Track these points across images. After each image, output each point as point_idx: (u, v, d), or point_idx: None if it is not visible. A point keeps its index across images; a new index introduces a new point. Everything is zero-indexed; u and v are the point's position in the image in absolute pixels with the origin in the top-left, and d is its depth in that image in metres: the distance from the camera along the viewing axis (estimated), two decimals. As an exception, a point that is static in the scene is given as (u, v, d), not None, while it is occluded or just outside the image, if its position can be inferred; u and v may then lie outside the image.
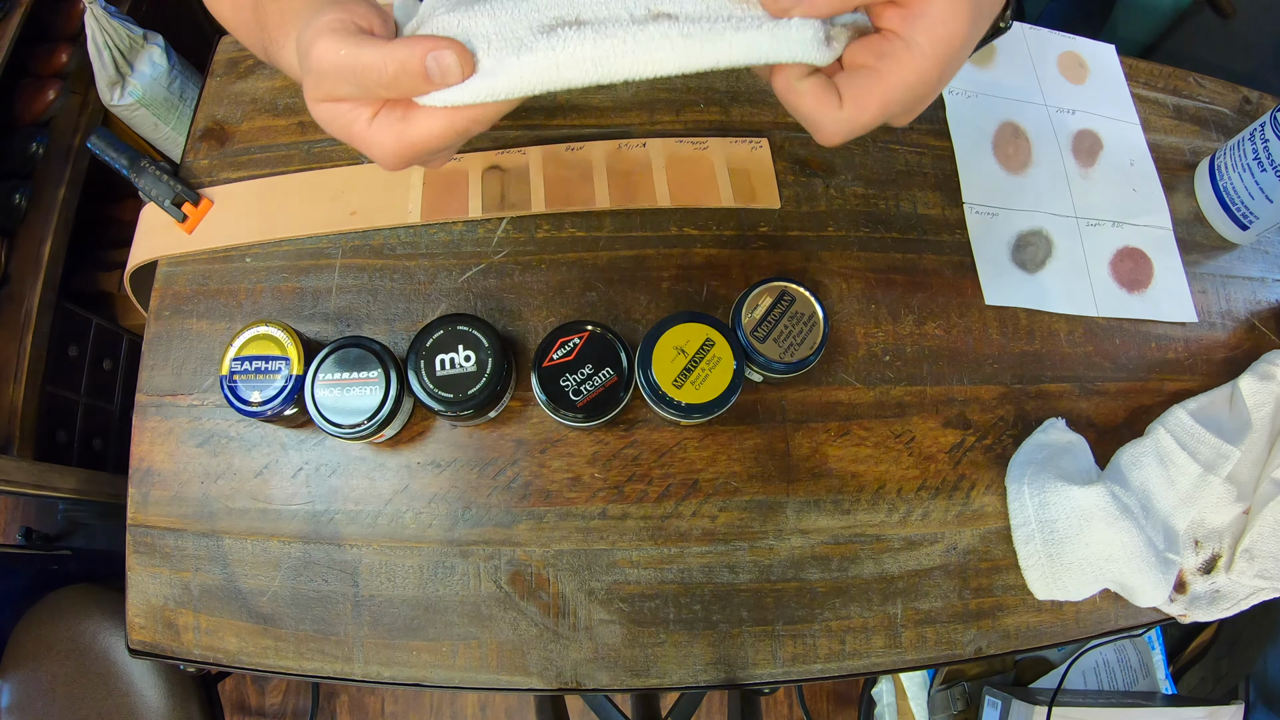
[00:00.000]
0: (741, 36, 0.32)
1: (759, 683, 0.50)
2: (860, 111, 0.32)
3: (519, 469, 0.51)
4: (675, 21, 0.31)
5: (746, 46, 0.32)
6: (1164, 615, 0.54)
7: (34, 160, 1.01)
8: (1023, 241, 0.59)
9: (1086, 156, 0.63)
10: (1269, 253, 0.64)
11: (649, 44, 0.31)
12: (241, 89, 0.60)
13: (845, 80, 0.33)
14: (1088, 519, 0.50)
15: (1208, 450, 0.53)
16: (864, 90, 0.32)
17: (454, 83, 0.31)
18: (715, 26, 0.32)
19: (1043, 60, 0.66)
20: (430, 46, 0.30)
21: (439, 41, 0.30)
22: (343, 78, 0.31)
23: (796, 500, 0.52)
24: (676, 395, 0.47)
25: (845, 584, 0.51)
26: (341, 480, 0.51)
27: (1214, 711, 0.71)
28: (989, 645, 0.51)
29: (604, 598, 0.50)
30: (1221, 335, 0.60)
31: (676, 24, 0.31)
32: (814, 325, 0.49)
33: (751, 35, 0.32)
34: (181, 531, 0.51)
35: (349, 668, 0.49)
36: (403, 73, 0.30)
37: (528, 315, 0.54)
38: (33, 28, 0.98)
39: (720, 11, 0.32)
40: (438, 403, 0.46)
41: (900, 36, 0.32)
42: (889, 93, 0.32)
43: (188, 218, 0.55)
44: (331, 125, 0.34)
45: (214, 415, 0.52)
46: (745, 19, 0.32)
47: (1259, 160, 0.58)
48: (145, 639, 0.50)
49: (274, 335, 0.48)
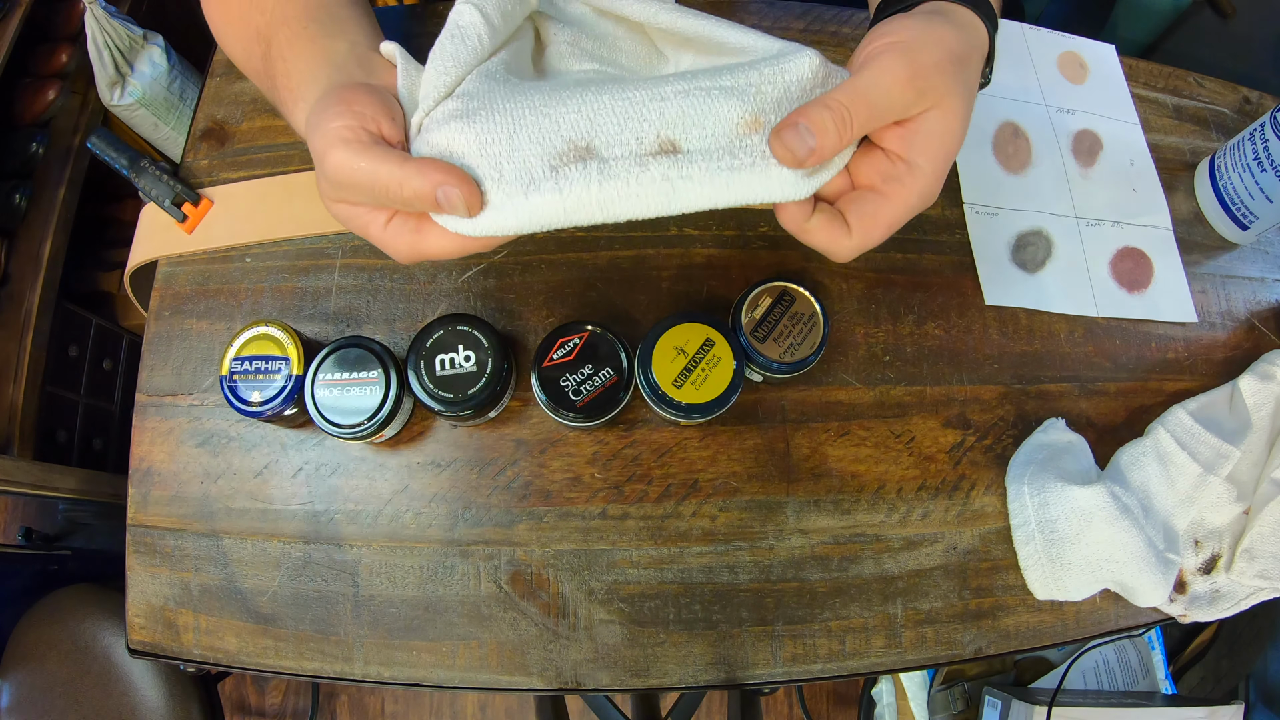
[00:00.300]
0: (736, 179, 0.33)
1: (759, 683, 0.50)
2: (868, 236, 0.34)
3: (519, 469, 0.51)
4: (676, 161, 0.32)
5: (740, 190, 0.33)
6: (1164, 615, 0.54)
7: (34, 160, 1.01)
8: (1023, 241, 0.59)
9: (1086, 156, 0.63)
10: (1269, 253, 0.64)
11: (650, 186, 0.32)
12: (241, 89, 0.60)
13: (853, 207, 0.35)
14: (1088, 519, 0.50)
15: (1208, 450, 0.53)
16: (870, 216, 0.34)
17: (461, 216, 0.32)
18: (712, 167, 0.33)
19: (1042, 60, 0.66)
20: (441, 180, 0.31)
21: (450, 176, 0.31)
22: (360, 191, 0.32)
23: (796, 500, 0.52)
24: (676, 395, 0.47)
25: (845, 584, 0.51)
26: (341, 480, 0.51)
27: (1214, 711, 0.71)
28: (989, 645, 0.51)
29: (604, 598, 0.50)
30: (1221, 335, 0.60)
31: (677, 165, 0.32)
32: (814, 325, 0.49)
33: (744, 179, 0.33)
34: (181, 531, 0.51)
35: (349, 668, 0.49)
36: (415, 198, 0.31)
37: (528, 315, 0.54)
38: (33, 28, 0.98)
39: (724, 145, 0.33)
40: (438, 403, 0.46)
41: (903, 159, 0.34)
42: (894, 214, 0.34)
43: (188, 218, 0.55)
44: (349, 223, 0.35)
45: (214, 415, 0.52)
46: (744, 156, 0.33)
47: (1259, 160, 0.58)
48: (145, 639, 0.50)
49: (274, 335, 0.48)
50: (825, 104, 0.31)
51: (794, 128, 0.31)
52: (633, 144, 0.32)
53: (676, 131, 0.32)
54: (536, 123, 0.32)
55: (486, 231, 0.33)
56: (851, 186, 0.35)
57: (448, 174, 0.31)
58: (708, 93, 0.33)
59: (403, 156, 0.32)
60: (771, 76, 0.33)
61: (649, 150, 0.32)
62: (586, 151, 0.32)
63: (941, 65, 0.33)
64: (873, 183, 0.35)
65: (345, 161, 0.32)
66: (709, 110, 0.32)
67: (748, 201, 0.33)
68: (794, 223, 0.35)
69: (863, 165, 0.35)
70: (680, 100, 0.33)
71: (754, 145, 0.33)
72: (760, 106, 0.33)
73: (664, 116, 0.32)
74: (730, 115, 0.33)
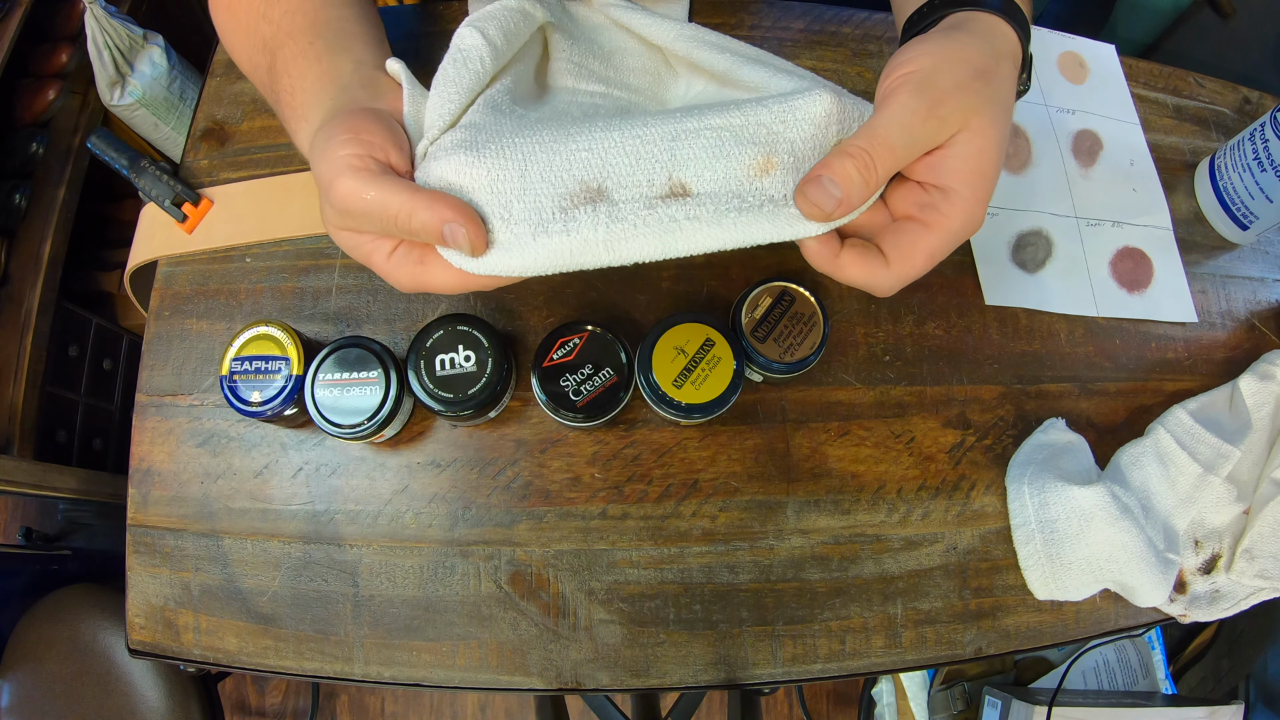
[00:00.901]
0: (744, 219, 0.32)
1: (759, 683, 0.50)
2: (908, 267, 0.33)
3: (519, 469, 0.51)
4: (685, 204, 0.32)
5: (748, 231, 0.32)
6: (1164, 615, 0.54)
7: (34, 160, 1.01)
8: (1023, 241, 0.59)
9: (1086, 156, 0.63)
10: (1269, 253, 0.64)
11: (658, 228, 0.32)
12: (241, 89, 0.60)
13: (889, 238, 0.33)
14: (1088, 519, 0.50)
15: (1208, 450, 0.53)
16: (909, 246, 0.33)
17: (465, 254, 0.32)
18: (721, 209, 0.32)
19: (1042, 60, 0.66)
20: (450, 217, 0.30)
21: (459, 214, 0.30)
22: (367, 220, 0.32)
23: (796, 500, 0.52)
24: (676, 395, 0.47)
25: (845, 584, 0.51)
26: (341, 480, 0.51)
27: (1214, 711, 0.71)
28: (989, 645, 0.51)
29: (604, 598, 0.50)
30: (1221, 335, 0.60)
31: (685, 207, 0.32)
32: (814, 325, 0.49)
33: (752, 219, 0.32)
34: (181, 531, 0.51)
35: (349, 668, 0.49)
36: (422, 230, 0.31)
37: (528, 315, 0.54)
38: (33, 28, 0.98)
39: (734, 189, 0.32)
40: (438, 403, 0.47)
41: (937, 187, 0.32)
42: (935, 242, 0.33)
43: (188, 218, 0.55)
44: (352, 251, 0.35)
45: (214, 415, 0.52)
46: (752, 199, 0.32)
47: (1259, 160, 0.58)
48: (145, 639, 0.50)
49: (274, 335, 0.48)
50: (846, 152, 0.31)
51: (817, 181, 0.31)
52: (644, 186, 0.32)
53: (688, 174, 0.32)
54: (548, 160, 0.32)
55: (491, 271, 0.32)
56: (890, 220, 0.34)
57: (457, 212, 0.30)
58: (719, 134, 0.32)
59: (413, 187, 0.31)
60: (783, 115, 0.33)
61: (659, 193, 0.32)
62: (598, 194, 0.32)
63: (963, 85, 0.32)
64: (910, 213, 0.33)
65: (354, 190, 0.31)
66: (720, 152, 0.32)
67: (757, 242, 0.33)
68: (823, 261, 0.34)
69: (898, 197, 0.34)
70: (691, 141, 0.32)
71: (764, 188, 0.33)
72: (772, 148, 0.32)
73: (675, 158, 0.32)
74: (741, 158, 0.32)
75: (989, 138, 0.32)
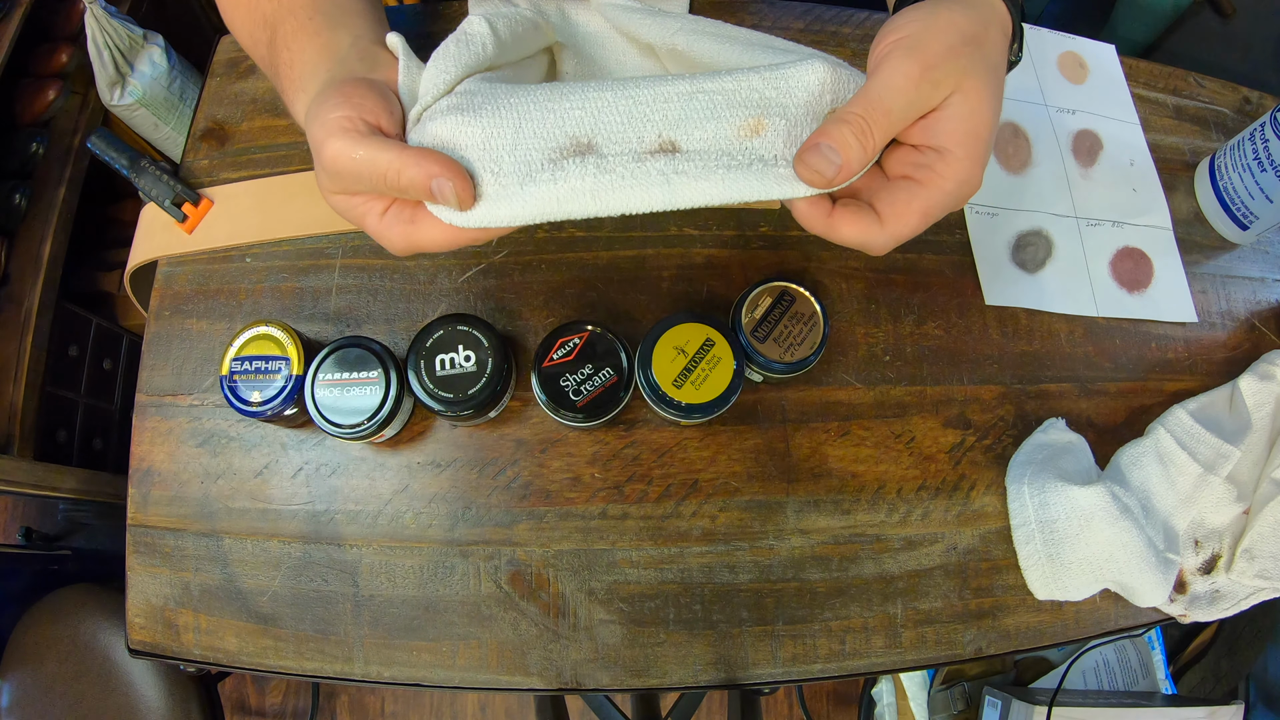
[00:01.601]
0: (733, 176, 0.33)
1: (759, 683, 0.50)
2: (903, 224, 0.33)
3: (519, 469, 0.51)
4: (673, 159, 0.33)
5: (738, 187, 0.33)
6: (1164, 615, 0.54)
7: (34, 160, 1.01)
8: (1023, 241, 0.59)
9: (1086, 156, 0.63)
10: (1269, 253, 0.64)
11: (645, 180, 0.32)
12: (241, 89, 0.60)
13: (884, 196, 0.33)
14: (1088, 519, 0.50)
15: (1208, 450, 0.53)
16: (904, 203, 0.33)
17: (453, 208, 0.32)
18: (709, 166, 0.33)
19: (1042, 60, 0.66)
20: (437, 172, 0.31)
21: (446, 169, 0.31)
22: (357, 180, 0.33)
23: (796, 500, 0.52)
24: (676, 395, 0.47)
25: (845, 584, 0.51)
26: (341, 480, 0.51)
27: (1214, 711, 0.71)
28: (989, 645, 0.51)
29: (604, 598, 0.50)
30: (1221, 335, 0.60)
31: (674, 162, 0.32)
32: (814, 325, 0.49)
33: (739, 176, 0.33)
34: (181, 531, 0.51)
35: (349, 668, 0.49)
36: (411, 186, 0.31)
37: (528, 315, 0.54)
38: (33, 28, 0.98)
39: (723, 147, 0.33)
40: (438, 403, 0.46)
41: (931, 148, 0.33)
42: (929, 200, 0.33)
43: (188, 218, 0.55)
44: (345, 214, 0.35)
45: (214, 415, 0.52)
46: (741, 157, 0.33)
47: (1259, 160, 0.58)
48: (145, 639, 0.50)
49: (274, 335, 0.48)
50: (843, 119, 0.31)
51: (816, 149, 0.31)
52: (634, 142, 0.33)
53: (678, 132, 0.33)
54: (542, 118, 0.33)
55: (480, 223, 0.33)
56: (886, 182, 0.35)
57: (444, 167, 0.31)
58: (711, 96, 0.33)
59: (401, 146, 0.32)
60: (775, 82, 0.33)
61: (649, 149, 0.33)
62: (587, 147, 0.32)
63: (954, 49, 0.32)
64: (905, 174, 0.34)
65: (343, 150, 0.32)
66: (711, 114, 0.33)
67: (744, 198, 0.33)
68: (815, 222, 0.34)
69: (894, 161, 0.34)
70: (683, 102, 0.33)
71: (753, 148, 0.33)
72: (764, 110, 0.33)
73: (666, 117, 0.33)
74: (732, 119, 0.33)
75: (983, 98, 0.32)
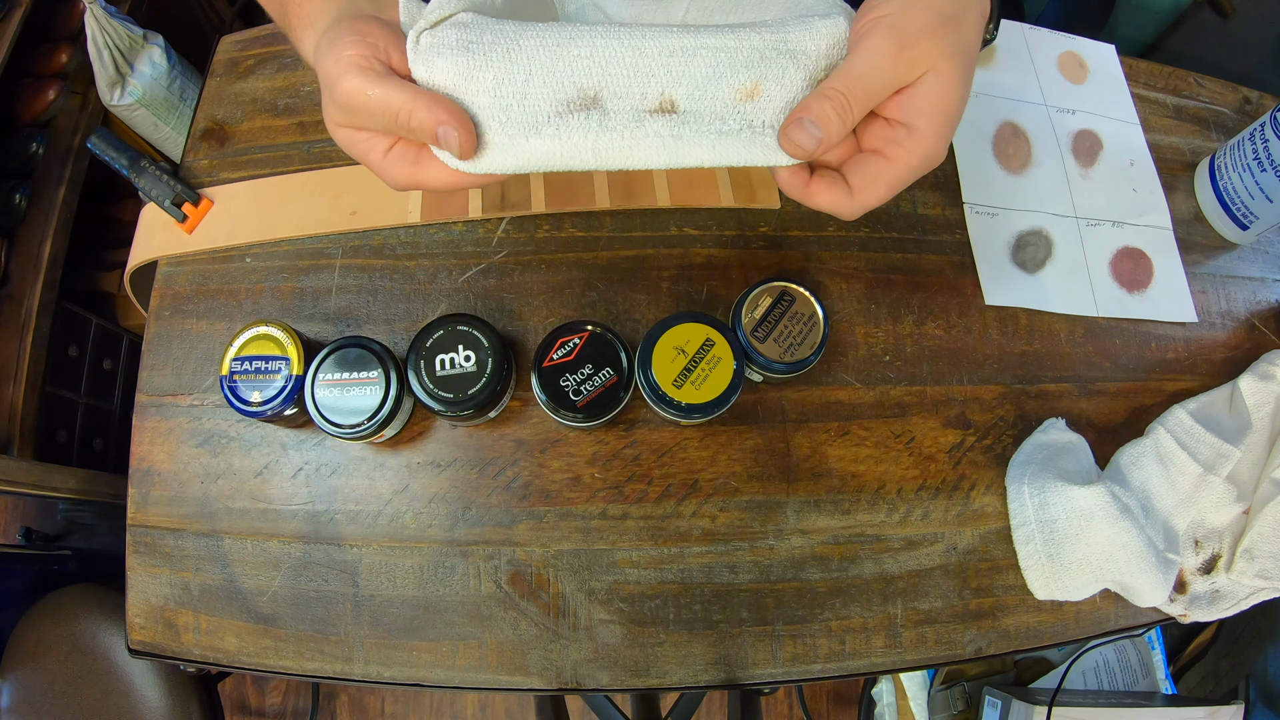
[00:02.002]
0: (724, 142, 0.35)
1: (759, 683, 0.50)
2: (870, 195, 0.36)
3: (519, 469, 0.51)
4: (670, 120, 0.35)
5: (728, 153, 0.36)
6: (1164, 615, 0.54)
7: (34, 160, 1.01)
8: (1023, 241, 0.59)
9: (1086, 156, 0.63)
10: (1269, 253, 0.64)
11: (644, 141, 0.35)
12: (241, 89, 0.60)
13: (856, 169, 0.36)
14: (1088, 519, 0.50)
15: (1208, 450, 0.53)
16: (871, 178, 0.36)
17: (454, 154, 0.34)
18: (702, 130, 0.35)
19: (1043, 60, 0.66)
20: (445, 119, 0.33)
21: (454, 118, 0.33)
22: (369, 115, 0.34)
23: (796, 500, 0.52)
24: (676, 395, 0.47)
25: (845, 584, 0.51)
26: (341, 480, 0.51)
27: (1214, 711, 0.71)
28: (989, 645, 0.51)
29: (604, 598, 0.50)
30: (1221, 335, 0.60)
31: (670, 124, 0.35)
32: (814, 325, 0.49)
33: (730, 143, 0.35)
34: (181, 531, 0.51)
35: (349, 668, 0.49)
36: (419, 128, 0.33)
37: (528, 315, 0.54)
38: (33, 28, 0.98)
39: (718, 110, 0.35)
40: (438, 403, 0.46)
41: (902, 124, 0.35)
42: (895, 174, 0.36)
43: (188, 218, 0.55)
44: (350, 149, 0.37)
45: (214, 415, 0.52)
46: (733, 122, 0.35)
47: (1259, 160, 0.58)
48: (145, 639, 0.50)
49: (274, 335, 0.48)
50: (824, 95, 0.34)
51: (799, 123, 0.34)
52: (636, 98, 0.34)
53: (678, 91, 0.34)
54: (551, 65, 0.34)
55: (485, 170, 0.34)
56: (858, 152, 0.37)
57: (453, 115, 0.33)
58: (714, 54, 0.34)
59: (414, 88, 0.34)
60: (776, 43, 0.35)
61: (650, 107, 0.34)
62: (593, 101, 0.34)
63: (931, 29, 0.34)
64: (876, 147, 0.36)
65: (358, 87, 0.33)
66: (712, 74, 0.34)
67: (732, 163, 0.36)
68: (795, 189, 0.37)
69: (868, 133, 0.37)
70: (688, 59, 0.34)
71: (745, 113, 0.35)
72: (763, 73, 0.35)
73: (670, 74, 0.34)
74: (731, 81, 0.35)
75: (954, 78, 0.35)
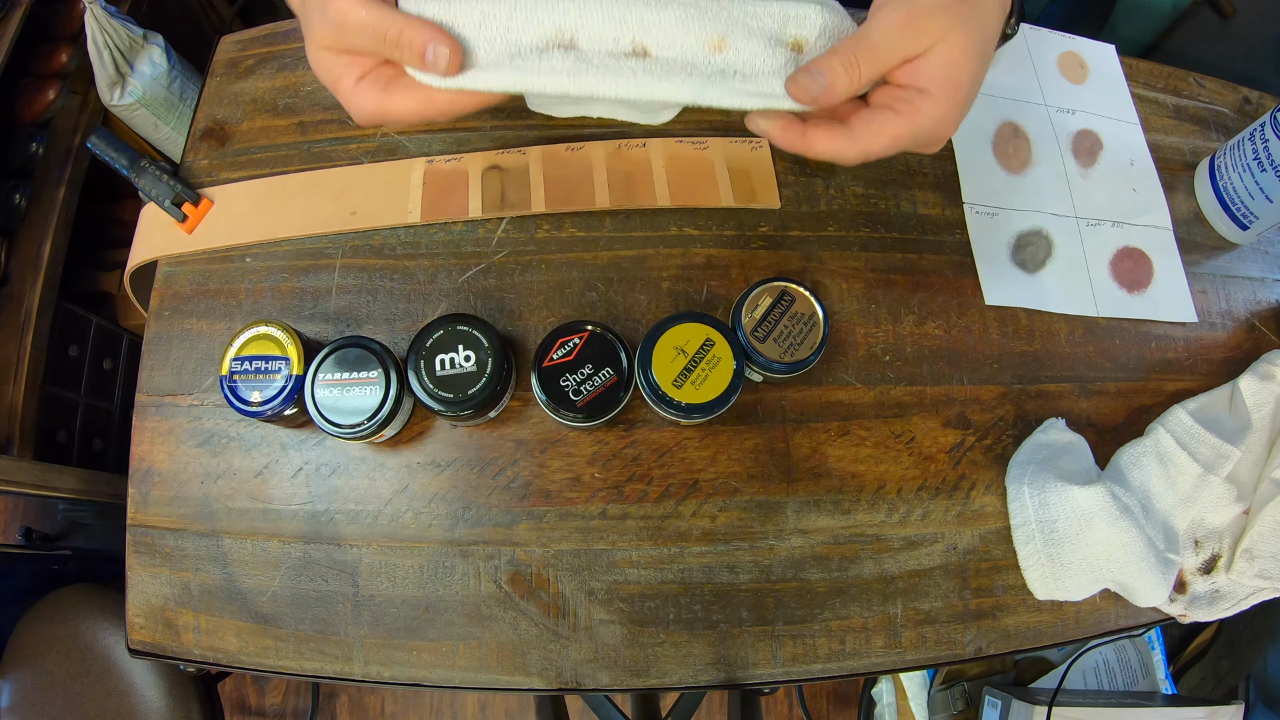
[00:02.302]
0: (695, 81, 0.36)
1: (759, 683, 0.50)
2: (873, 141, 0.37)
3: (519, 469, 0.51)
4: (644, 61, 0.36)
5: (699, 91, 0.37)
6: (1164, 615, 0.54)
7: (34, 160, 1.01)
8: (1023, 241, 0.59)
9: (1086, 156, 0.63)
10: (1269, 253, 0.64)
11: (617, 72, 0.36)
12: (241, 89, 0.60)
13: (862, 115, 0.37)
14: (1088, 519, 0.50)
15: (1208, 450, 0.53)
16: (878, 124, 0.37)
17: (440, 74, 0.35)
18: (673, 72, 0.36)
19: (1043, 60, 0.66)
20: (434, 37, 0.35)
21: (444, 39, 0.35)
22: (359, 34, 0.35)
23: (796, 500, 0.52)
24: (676, 395, 0.47)
25: (845, 584, 0.51)
26: (341, 480, 0.51)
27: (1214, 711, 0.71)
28: (989, 645, 0.51)
29: (604, 598, 0.50)
30: (1221, 335, 0.60)
31: (644, 63, 0.36)
32: (814, 325, 0.49)
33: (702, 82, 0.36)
34: (181, 531, 0.51)
35: (349, 668, 0.49)
36: (408, 47, 0.35)
37: (528, 315, 0.54)
38: (33, 28, 0.98)
39: (690, 58, 0.36)
40: (438, 403, 0.47)
41: (914, 87, 0.36)
42: (901, 127, 0.36)
43: (188, 218, 0.55)
44: (322, 74, 0.38)
45: (214, 415, 0.52)
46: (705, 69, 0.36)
47: (1259, 160, 0.58)
48: (145, 639, 0.50)
49: (274, 335, 0.48)
50: (834, 51, 0.36)
51: (808, 71, 0.35)
52: (610, 43, 0.36)
53: (650, 39, 0.36)
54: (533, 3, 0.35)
55: (465, 86, 0.36)
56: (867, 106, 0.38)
57: (442, 35, 0.35)
58: (684, 7, 0.36)
59: (406, 15, 0.35)
60: (755, 12, 0.36)
61: (624, 50, 0.36)
62: (570, 43, 0.36)
63: (943, 6, 0.35)
64: (886, 103, 0.37)
65: (352, 7, 0.34)
66: (682, 25, 0.36)
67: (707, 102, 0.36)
68: (792, 142, 0.37)
69: (879, 93, 0.38)
70: (659, 10, 0.36)
71: (714, 63, 0.36)
72: (729, 27, 0.36)
73: (643, 23, 0.36)
74: (700, 33, 0.36)
75: (965, 51, 0.36)
